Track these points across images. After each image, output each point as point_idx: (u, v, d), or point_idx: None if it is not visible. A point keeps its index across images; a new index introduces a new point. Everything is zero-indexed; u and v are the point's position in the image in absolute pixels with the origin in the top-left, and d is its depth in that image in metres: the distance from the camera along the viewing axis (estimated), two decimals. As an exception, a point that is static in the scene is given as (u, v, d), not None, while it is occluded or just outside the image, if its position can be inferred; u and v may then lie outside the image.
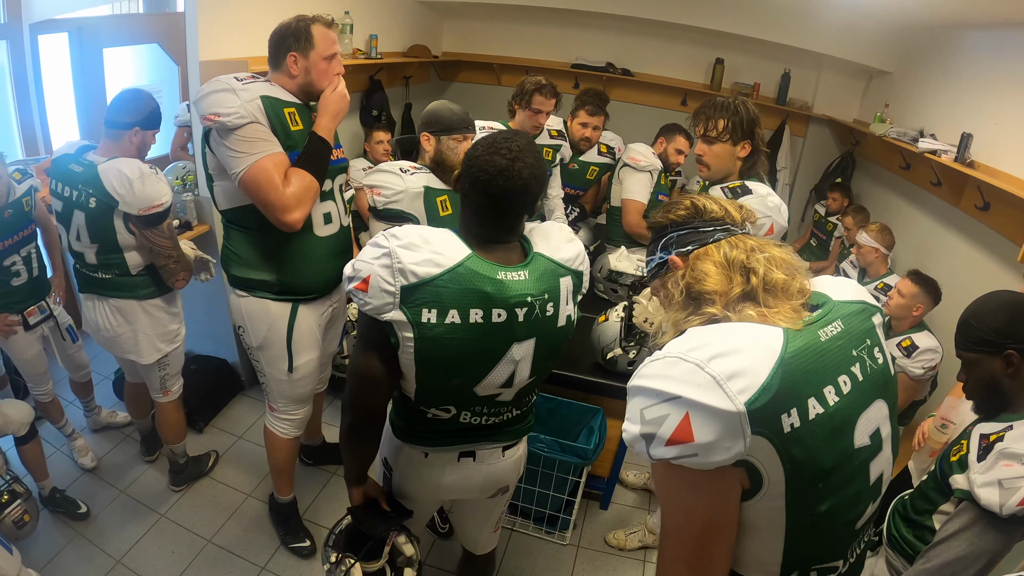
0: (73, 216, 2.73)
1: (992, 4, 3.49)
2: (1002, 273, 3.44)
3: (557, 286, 1.71)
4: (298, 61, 2.40)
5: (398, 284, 1.53)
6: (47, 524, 3.05)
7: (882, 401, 1.26)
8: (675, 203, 1.40)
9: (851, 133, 5.73)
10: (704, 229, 1.34)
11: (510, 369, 1.71)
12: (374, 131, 4.90)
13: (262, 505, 3.31)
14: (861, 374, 1.21)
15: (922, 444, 2.66)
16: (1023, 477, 1.66)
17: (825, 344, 1.17)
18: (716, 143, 2.50)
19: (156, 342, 3.01)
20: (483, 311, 1.59)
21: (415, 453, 1.93)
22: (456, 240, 1.63)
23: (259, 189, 2.29)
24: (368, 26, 4.99)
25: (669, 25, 5.77)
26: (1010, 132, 3.54)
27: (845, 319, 1.25)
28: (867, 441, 1.21)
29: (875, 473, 1.25)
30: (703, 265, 1.29)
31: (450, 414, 1.81)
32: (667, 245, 1.38)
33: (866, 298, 1.36)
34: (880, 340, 1.32)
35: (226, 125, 2.23)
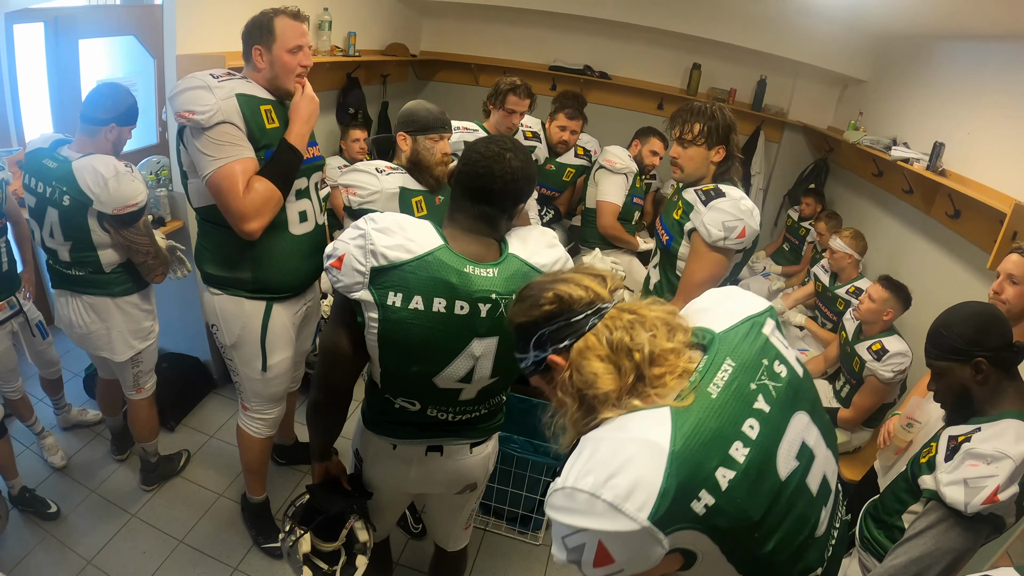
0: (47, 213, 2.69)
1: (966, 17, 3.54)
2: (971, 279, 3.49)
3: None
4: (263, 55, 2.38)
5: (368, 265, 1.59)
6: (16, 524, 3.01)
7: (799, 413, 1.26)
8: (538, 298, 1.30)
9: (825, 140, 5.79)
10: (576, 319, 1.26)
11: (469, 364, 1.74)
12: (350, 129, 4.88)
13: (234, 505, 3.29)
14: (768, 404, 1.20)
15: (887, 441, 2.71)
16: (988, 476, 1.72)
17: (719, 400, 1.16)
18: (691, 146, 2.52)
19: (129, 339, 2.98)
20: (446, 301, 1.63)
21: (384, 444, 1.97)
22: (432, 230, 1.68)
23: (221, 194, 2.29)
24: (347, 23, 4.96)
25: (647, 29, 5.80)
26: (981, 142, 3.60)
27: (734, 352, 1.24)
28: (794, 464, 1.20)
29: (816, 482, 1.25)
30: (590, 364, 1.21)
31: (415, 408, 1.85)
32: (540, 343, 1.29)
33: (750, 308, 1.35)
34: (778, 348, 1.31)
35: (200, 124, 2.22)
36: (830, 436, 1.33)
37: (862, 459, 3.53)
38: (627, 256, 4.37)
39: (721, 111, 2.50)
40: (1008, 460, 1.72)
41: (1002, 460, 1.73)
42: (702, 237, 2.41)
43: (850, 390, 3.55)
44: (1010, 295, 2.27)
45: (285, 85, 2.43)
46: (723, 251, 2.41)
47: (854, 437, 3.54)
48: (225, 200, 2.29)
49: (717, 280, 2.49)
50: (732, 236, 2.36)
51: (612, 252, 4.28)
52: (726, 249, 2.40)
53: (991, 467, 1.74)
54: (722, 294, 1.44)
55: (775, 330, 1.35)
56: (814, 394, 1.34)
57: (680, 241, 2.54)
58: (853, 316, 3.59)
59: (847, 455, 3.58)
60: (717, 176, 2.52)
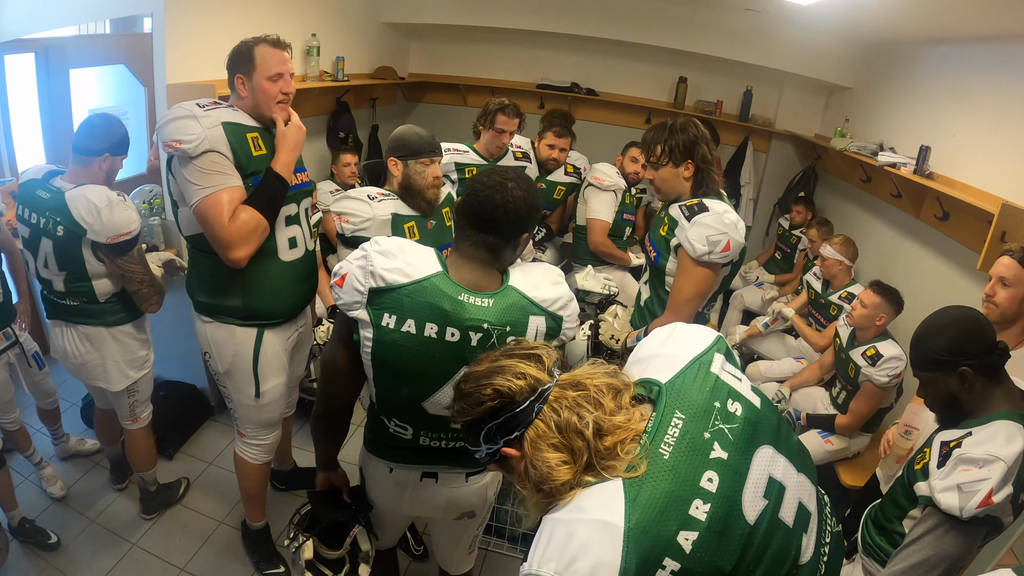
0: (40, 243, 2.70)
1: (948, 20, 3.58)
2: (963, 281, 3.51)
3: (524, 322, 1.74)
4: (244, 83, 2.41)
5: (367, 285, 1.65)
6: (17, 555, 3.00)
7: (762, 448, 1.26)
8: (478, 396, 1.27)
9: (813, 148, 5.83)
10: (521, 409, 1.23)
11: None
12: (341, 153, 4.89)
13: (234, 532, 3.28)
14: (725, 450, 1.20)
15: (888, 451, 2.72)
16: (981, 480, 1.73)
17: (671, 460, 1.17)
18: (660, 167, 2.54)
19: (125, 368, 2.98)
20: (438, 327, 1.66)
21: (381, 467, 2.01)
22: (433, 257, 1.73)
23: (208, 222, 2.30)
24: (335, 48, 5.00)
25: (633, 45, 5.85)
26: (967, 144, 3.63)
27: (683, 402, 1.24)
28: (762, 504, 1.20)
29: (791, 513, 1.25)
30: (543, 456, 1.19)
31: (408, 433, 1.89)
32: (490, 437, 1.27)
33: (695, 346, 1.36)
34: (730, 384, 1.31)
35: (187, 153, 2.23)
36: (800, 458, 1.33)
37: (861, 465, 3.54)
38: (620, 272, 4.38)
39: (682, 127, 2.51)
40: (1000, 462, 1.73)
41: (994, 463, 1.74)
42: (687, 252, 2.42)
43: (847, 396, 3.56)
44: (1002, 298, 2.26)
45: (267, 113, 2.44)
46: (709, 265, 2.42)
47: (852, 443, 3.54)
48: (211, 228, 2.30)
49: (705, 295, 2.51)
50: (716, 250, 2.37)
51: (604, 268, 4.30)
52: (712, 263, 2.41)
53: (983, 471, 1.75)
54: (664, 335, 1.45)
55: (724, 364, 1.35)
56: (775, 421, 1.34)
57: (667, 257, 2.55)
58: (847, 323, 3.60)
59: (846, 461, 3.58)
60: (696, 190, 2.52)
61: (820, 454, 3.55)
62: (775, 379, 4.23)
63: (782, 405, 3.84)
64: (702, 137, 2.50)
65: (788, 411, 3.71)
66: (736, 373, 1.36)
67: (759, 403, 1.32)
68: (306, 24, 4.65)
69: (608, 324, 2.88)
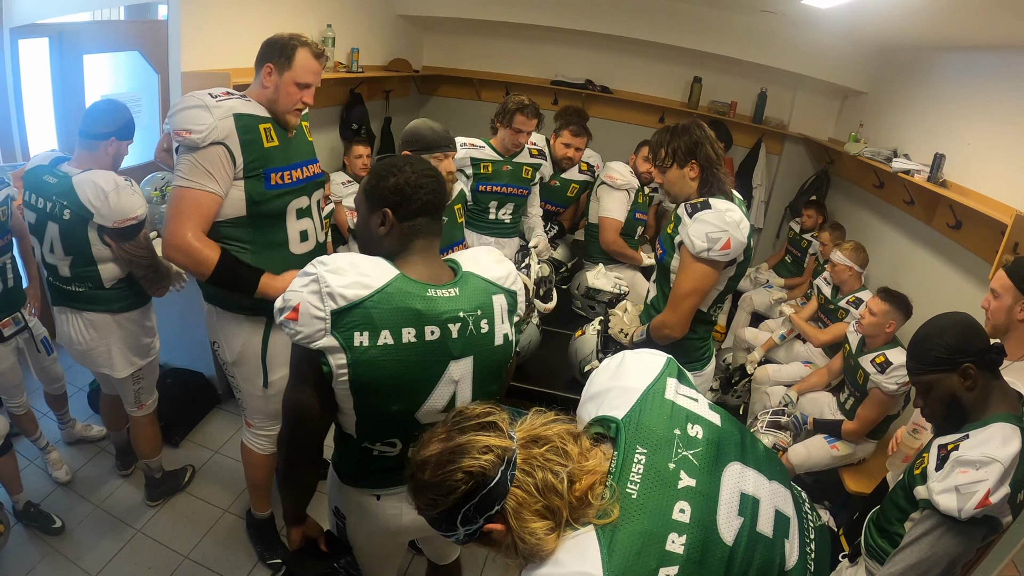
0: (47, 228, 2.71)
1: (965, 28, 3.56)
2: (973, 290, 3.49)
3: (490, 303, 1.73)
4: (272, 74, 2.40)
5: (327, 308, 1.51)
6: (21, 539, 3.02)
7: (729, 466, 1.25)
8: (447, 484, 1.19)
9: (826, 151, 5.81)
10: (496, 482, 1.17)
11: (450, 390, 1.69)
12: (353, 145, 4.89)
13: (239, 521, 3.29)
14: (692, 476, 1.20)
15: (895, 450, 2.72)
16: (978, 481, 1.76)
17: (639, 499, 1.16)
18: (667, 170, 2.56)
19: (130, 356, 2.99)
20: (415, 329, 1.58)
21: (366, 498, 1.88)
22: (384, 263, 1.63)
23: (173, 211, 2.30)
24: (350, 39, 5.01)
25: (648, 43, 5.84)
26: (982, 153, 3.61)
27: (643, 435, 1.23)
28: (738, 522, 1.20)
29: (769, 523, 1.24)
30: (529, 525, 1.15)
31: (397, 449, 1.77)
32: (468, 519, 1.19)
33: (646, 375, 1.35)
34: (687, 407, 1.30)
35: (195, 144, 2.24)
36: (769, 466, 1.33)
37: (867, 471, 3.52)
38: (631, 271, 4.37)
39: (684, 129, 2.52)
40: (996, 464, 1.76)
41: (991, 464, 1.76)
42: (687, 248, 2.43)
43: (854, 402, 3.55)
44: (992, 309, 2.29)
45: (281, 112, 2.44)
46: (708, 262, 2.42)
47: (858, 449, 3.53)
48: (173, 220, 2.29)
49: (703, 292, 2.51)
50: (716, 247, 2.36)
51: (616, 267, 4.29)
52: (711, 260, 2.41)
53: (980, 472, 1.77)
54: (613, 366, 1.43)
55: (678, 388, 1.35)
56: (738, 434, 1.33)
57: (672, 254, 2.55)
58: (856, 329, 3.59)
59: (852, 467, 3.57)
60: (702, 190, 2.52)
61: (826, 459, 3.54)
62: (783, 383, 4.22)
63: (789, 409, 3.83)
64: (705, 138, 2.50)
65: (794, 415, 3.70)
66: (691, 394, 1.36)
67: (719, 420, 1.32)
68: (322, 15, 4.65)
69: (618, 318, 2.88)
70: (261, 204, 2.42)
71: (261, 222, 2.46)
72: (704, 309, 2.59)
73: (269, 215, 2.47)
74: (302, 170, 2.54)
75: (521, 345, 3.15)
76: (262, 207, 2.42)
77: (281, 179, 2.45)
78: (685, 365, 2.65)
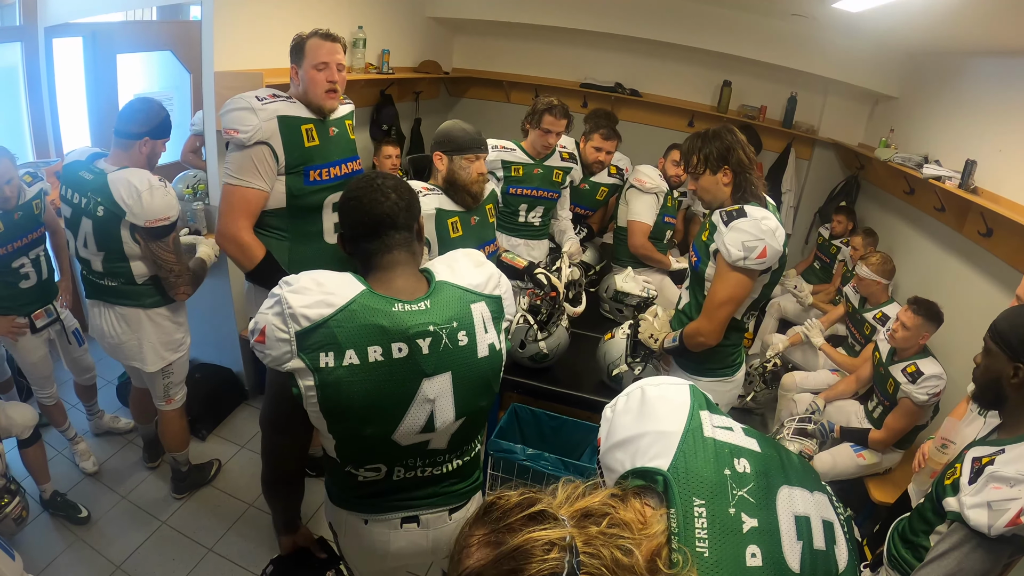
0: (81, 223, 2.75)
1: (997, 32, 3.51)
2: (1004, 299, 3.43)
3: (468, 313, 1.62)
4: (297, 72, 2.62)
5: (291, 330, 1.46)
6: (47, 527, 3.07)
7: (780, 491, 1.19)
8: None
9: (856, 157, 5.74)
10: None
11: (427, 410, 1.60)
12: (383, 145, 4.93)
13: (263, 515, 3.31)
14: (753, 516, 1.13)
15: (922, 465, 2.68)
16: (1012, 500, 1.71)
17: (712, 556, 1.06)
18: (700, 176, 2.54)
19: (160, 351, 3.03)
20: (382, 347, 1.51)
21: (354, 520, 1.82)
22: (352, 280, 1.56)
23: (227, 206, 2.58)
24: (381, 41, 5.04)
25: (678, 47, 5.81)
26: (1014, 159, 3.56)
27: (696, 484, 1.13)
28: (799, 546, 1.13)
29: (821, 537, 1.18)
30: None
31: (381, 474, 1.71)
32: None
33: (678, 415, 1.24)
34: (728, 441, 1.23)
35: (242, 142, 2.45)
36: (809, 479, 1.27)
37: (892, 481, 3.49)
38: (659, 275, 4.35)
39: (715, 135, 2.50)
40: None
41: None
42: (723, 257, 2.40)
43: (883, 411, 3.51)
44: None
45: (315, 100, 2.61)
46: (745, 271, 2.40)
47: (885, 458, 3.49)
48: (228, 214, 2.58)
49: (739, 301, 2.48)
50: (752, 256, 2.34)
51: (644, 271, 4.27)
52: (748, 269, 2.39)
53: (1014, 490, 1.73)
54: (635, 408, 1.29)
55: (712, 420, 1.26)
56: (777, 456, 1.27)
57: (707, 262, 2.53)
58: (887, 338, 3.54)
59: (877, 476, 3.54)
60: (736, 195, 2.50)
61: (851, 468, 3.51)
62: (810, 390, 4.18)
63: (816, 417, 3.79)
64: (737, 143, 2.48)
65: (821, 423, 3.67)
66: (725, 423, 1.28)
67: (758, 446, 1.26)
68: (353, 16, 4.69)
69: (648, 323, 2.87)
70: (300, 198, 2.62)
71: (299, 213, 2.66)
72: (738, 317, 2.58)
73: (307, 208, 2.66)
74: (341, 167, 2.72)
75: (550, 347, 3.14)
76: (300, 200, 2.63)
77: (319, 176, 2.64)
78: (716, 371, 2.68)
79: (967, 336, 3.54)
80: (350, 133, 2.81)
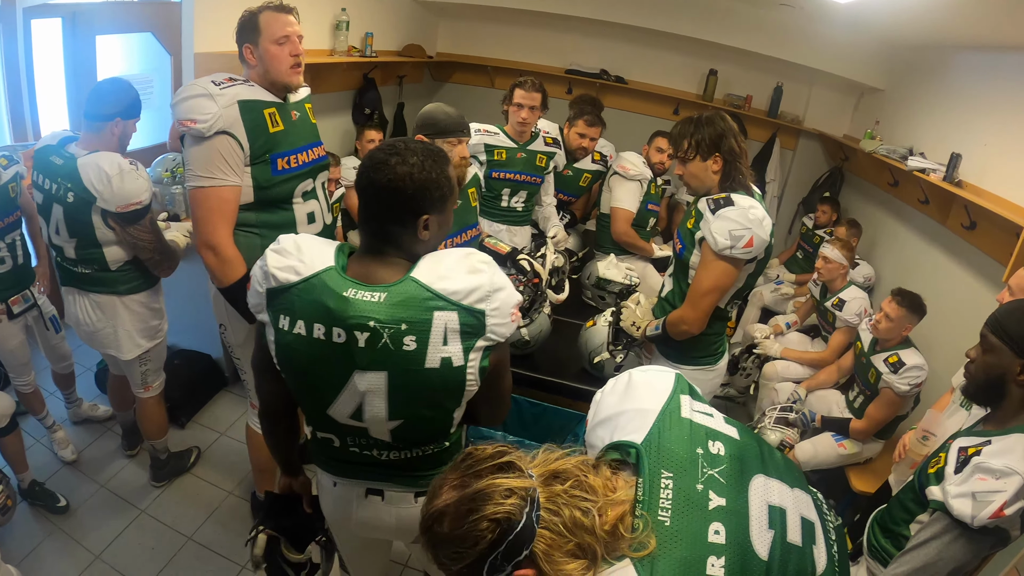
0: (52, 209, 2.71)
1: (985, 27, 3.52)
2: (987, 292, 3.45)
3: (427, 319, 1.49)
4: (252, 51, 2.39)
5: (264, 287, 1.55)
6: (26, 517, 3.03)
7: (754, 479, 1.22)
8: (473, 535, 1.08)
9: (841, 148, 5.77)
10: (522, 527, 1.07)
11: (355, 400, 1.58)
12: (366, 129, 4.88)
13: (243, 503, 3.30)
14: (722, 496, 1.16)
15: (903, 456, 2.70)
16: (997, 492, 1.73)
17: (674, 526, 1.11)
18: (688, 162, 2.51)
19: (136, 338, 2.99)
20: (324, 327, 1.50)
21: (326, 480, 1.88)
22: (328, 251, 1.58)
23: (200, 213, 2.33)
24: (364, 24, 4.99)
25: (664, 35, 5.79)
26: (999, 154, 3.57)
27: (666, 459, 1.18)
28: (770, 535, 1.16)
29: (797, 531, 1.20)
30: (562, 568, 1.08)
31: (336, 442, 1.73)
32: (495, 567, 1.09)
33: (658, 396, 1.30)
34: (705, 424, 1.27)
35: (201, 133, 2.22)
36: (789, 473, 1.29)
37: (873, 470, 3.51)
38: (642, 263, 4.36)
39: (708, 120, 2.47)
40: (1017, 476, 1.72)
41: (1011, 476, 1.73)
42: (709, 246, 2.39)
43: (864, 401, 3.53)
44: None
45: (279, 78, 2.42)
46: (730, 260, 2.39)
47: (865, 448, 3.51)
48: (202, 223, 2.33)
49: (724, 290, 2.48)
50: (739, 245, 2.33)
51: (627, 258, 4.27)
52: (733, 258, 2.37)
53: (1000, 482, 1.74)
54: (620, 390, 1.36)
55: (692, 404, 1.30)
56: (756, 446, 1.30)
57: (692, 250, 2.52)
58: (869, 328, 3.56)
59: (858, 466, 3.56)
60: (723, 185, 2.49)
61: (832, 457, 3.52)
62: (791, 379, 4.20)
63: (797, 406, 3.81)
64: (730, 130, 2.46)
65: (802, 412, 3.69)
66: (706, 409, 1.32)
67: (737, 434, 1.29)
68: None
69: (630, 311, 2.86)
70: (268, 189, 2.42)
71: (268, 206, 2.46)
72: (722, 305, 2.56)
73: (276, 199, 2.47)
74: (307, 153, 2.53)
75: (532, 334, 3.14)
76: (269, 192, 2.43)
77: (288, 164, 2.44)
78: (699, 360, 2.67)
79: (949, 328, 3.58)
80: (311, 117, 2.64)
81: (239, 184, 2.34)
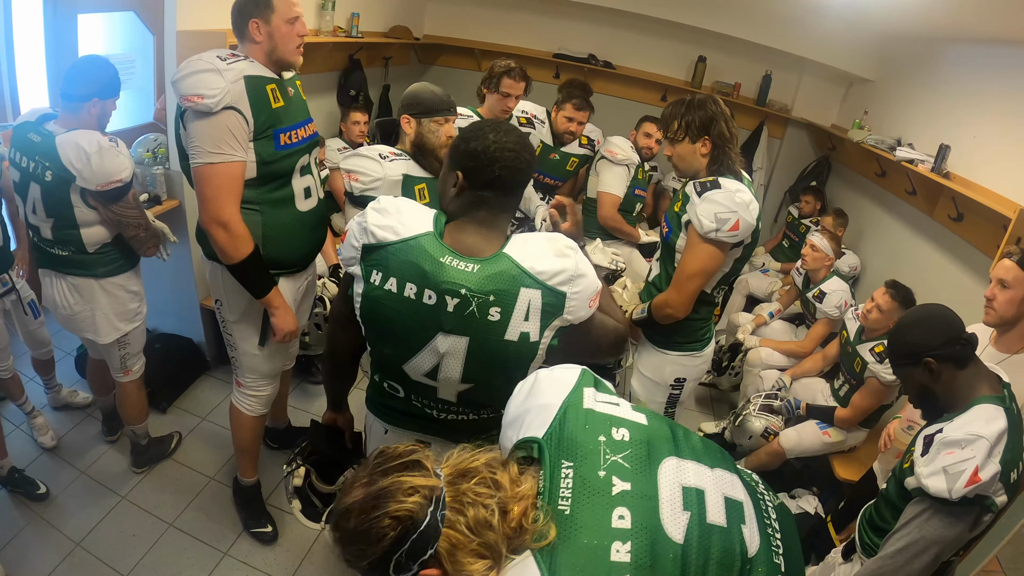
0: (30, 188, 2.65)
1: (975, 20, 3.51)
2: (973, 283, 3.47)
3: (514, 293, 1.59)
4: (260, 28, 2.35)
5: (361, 242, 1.65)
6: (5, 505, 3.00)
7: (664, 462, 1.21)
8: (374, 532, 1.09)
9: (828, 138, 5.78)
10: (427, 523, 1.08)
11: (433, 359, 1.69)
12: (351, 111, 4.83)
13: (225, 488, 3.27)
14: (626, 480, 1.16)
15: (888, 446, 2.71)
16: (966, 460, 1.79)
17: (573, 513, 1.11)
18: (677, 143, 2.50)
19: (115, 321, 2.95)
20: (416, 287, 1.62)
21: (378, 426, 2.02)
22: (428, 218, 1.69)
23: (207, 190, 2.32)
24: (351, 4, 4.93)
25: (653, 20, 5.77)
26: (987, 146, 3.58)
27: (567, 449, 1.19)
28: (685, 517, 1.14)
29: (720, 511, 1.19)
30: (465, 568, 1.09)
31: (401, 393, 1.86)
32: (401, 567, 1.09)
33: (560, 391, 1.31)
34: (609, 412, 1.27)
35: (208, 108, 2.18)
36: (709, 454, 1.29)
37: (857, 459, 3.52)
38: (628, 248, 4.35)
39: (700, 103, 2.46)
40: (982, 440, 1.79)
41: (976, 441, 1.79)
42: (695, 228, 2.38)
43: (849, 390, 3.54)
44: (1000, 300, 2.31)
45: (286, 57, 2.41)
46: (716, 243, 2.37)
47: (849, 436, 3.53)
48: (217, 198, 2.31)
49: (710, 273, 2.47)
50: (724, 228, 2.32)
51: (613, 243, 4.26)
52: (719, 241, 2.36)
53: (967, 451, 1.79)
54: (526, 390, 1.38)
55: (596, 396, 1.32)
56: (667, 430, 1.29)
57: (678, 233, 2.51)
58: (857, 317, 3.56)
59: (842, 454, 3.57)
60: (712, 167, 2.48)
61: (817, 445, 3.54)
62: (776, 367, 4.21)
63: (782, 393, 3.82)
64: (720, 114, 2.44)
65: (787, 400, 3.69)
66: (611, 399, 1.32)
67: (645, 419, 1.29)
68: (323, -23, 4.57)
69: (617, 295, 2.86)
70: (271, 164, 2.41)
71: (270, 181, 2.45)
72: (708, 290, 2.55)
73: (278, 174, 2.46)
74: (304, 129, 2.52)
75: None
76: (272, 167, 2.41)
77: (289, 139, 2.44)
78: (685, 345, 2.66)
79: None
80: (302, 93, 2.62)
81: (246, 160, 2.34)
